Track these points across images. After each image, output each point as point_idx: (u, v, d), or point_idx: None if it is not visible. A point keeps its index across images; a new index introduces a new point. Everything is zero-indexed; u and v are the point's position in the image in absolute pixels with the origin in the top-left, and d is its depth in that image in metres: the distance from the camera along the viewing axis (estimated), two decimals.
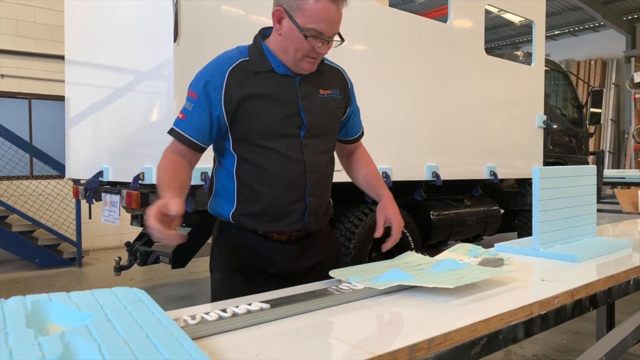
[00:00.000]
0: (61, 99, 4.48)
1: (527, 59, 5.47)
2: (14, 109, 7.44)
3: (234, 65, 1.46)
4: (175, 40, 2.79)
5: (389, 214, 1.64)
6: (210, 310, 1.08)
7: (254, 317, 1.07)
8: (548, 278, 1.46)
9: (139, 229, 4.43)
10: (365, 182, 1.75)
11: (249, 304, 1.13)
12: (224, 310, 1.08)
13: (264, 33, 1.54)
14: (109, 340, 0.83)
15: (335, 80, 1.61)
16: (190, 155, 1.52)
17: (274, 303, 1.16)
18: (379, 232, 1.63)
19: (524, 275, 1.51)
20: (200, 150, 1.53)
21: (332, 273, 1.39)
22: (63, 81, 4.41)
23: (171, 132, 1.51)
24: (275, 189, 1.51)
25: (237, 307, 1.11)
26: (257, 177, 1.50)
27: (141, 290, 1.09)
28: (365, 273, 1.39)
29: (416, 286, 1.32)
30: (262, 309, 1.11)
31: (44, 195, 7.08)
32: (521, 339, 1.18)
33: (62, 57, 4.44)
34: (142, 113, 3.29)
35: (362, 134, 1.80)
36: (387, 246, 1.61)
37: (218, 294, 1.59)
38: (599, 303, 1.43)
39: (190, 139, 1.48)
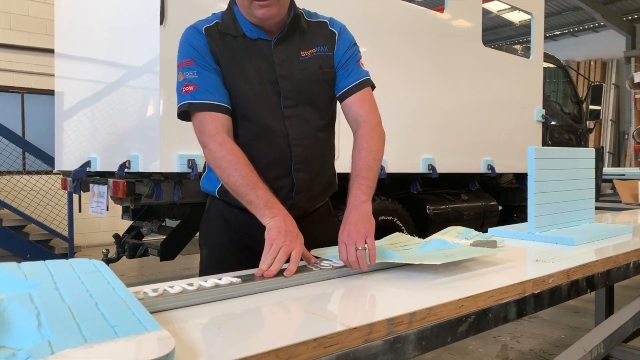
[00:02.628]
0: (54, 93, 4.38)
1: (526, 52, 5.39)
2: (7, 103, 7.35)
3: (208, 25, 1.38)
4: (161, 22, 2.70)
5: (342, 237, 1.21)
6: (174, 285, 1.00)
7: (221, 291, 0.99)
8: (543, 259, 1.38)
9: (130, 223, 4.34)
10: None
11: (219, 279, 1.04)
12: (191, 284, 1.00)
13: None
14: (51, 307, 0.75)
15: (320, 36, 1.44)
16: (228, 123, 1.35)
17: (246, 278, 1.07)
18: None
19: (518, 257, 1.43)
20: (230, 113, 1.36)
21: (313, 252, 1.31)
22: None
23: (193, 107, 1.32)
24: (259, 164, 1.37)
25: (205, 281, 1.03)
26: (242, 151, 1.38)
27: (100, 262, 1.01)
28: None
29: (401, 265, 1.24)
30: (232, 284, 1.02)
31: (35, 190, 6.98)
32: (513, 318, 1.10)
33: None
34: (131, 105, 3.19)
35: (361, 85, 1.44)
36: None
37: (204, 271, 1.47)
38: (596, 285, 1.35)
39: (219, 104, 1.33)
